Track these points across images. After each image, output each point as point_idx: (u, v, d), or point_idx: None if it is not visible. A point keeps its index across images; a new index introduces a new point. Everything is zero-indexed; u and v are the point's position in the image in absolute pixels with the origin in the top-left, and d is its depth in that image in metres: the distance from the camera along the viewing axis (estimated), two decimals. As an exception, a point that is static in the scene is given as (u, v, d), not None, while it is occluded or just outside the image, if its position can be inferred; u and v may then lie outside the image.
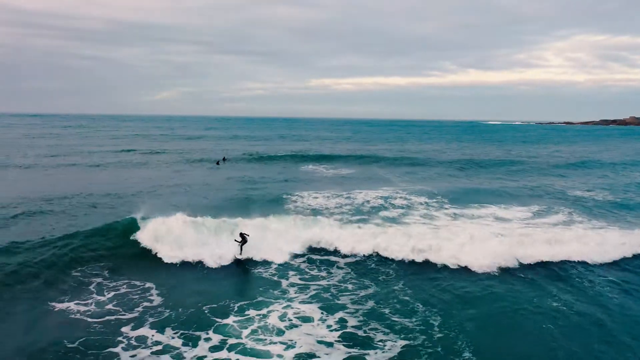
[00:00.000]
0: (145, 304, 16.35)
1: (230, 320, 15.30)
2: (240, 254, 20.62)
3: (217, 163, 54.38)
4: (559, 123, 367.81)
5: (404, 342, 13.87)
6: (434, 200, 32.67)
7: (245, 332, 14.48)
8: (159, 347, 13.39)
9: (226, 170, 48.82)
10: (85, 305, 16.02)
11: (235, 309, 16.25)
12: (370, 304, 16.71)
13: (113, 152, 63.90)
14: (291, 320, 15.27)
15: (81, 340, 13.52)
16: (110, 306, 16.01)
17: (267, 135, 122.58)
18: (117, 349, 13.17)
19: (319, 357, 13.09)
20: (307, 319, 15.33)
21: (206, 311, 15.97)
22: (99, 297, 16.68)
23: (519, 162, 60.17)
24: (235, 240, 20.88)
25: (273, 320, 15.27)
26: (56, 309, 15.65)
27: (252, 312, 15.87)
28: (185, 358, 12.88)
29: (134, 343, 13.54)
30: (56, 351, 12.91)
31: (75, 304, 16.07)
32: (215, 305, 16.39)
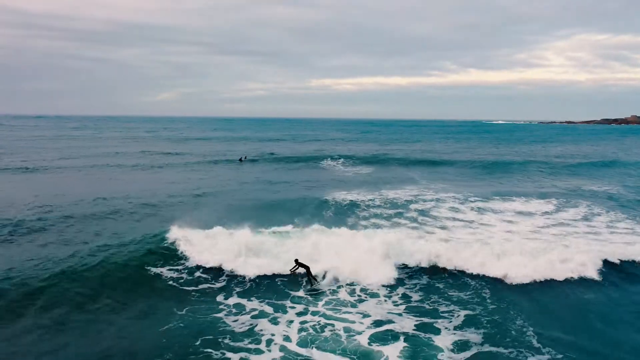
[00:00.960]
0: (227, 273, 18.69)
1: (302, 293, 17.34)
2: (317, 280, 18.36)
3: (240, 160, 59.40)
4: (560, 122, 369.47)
5: (465, 312, 15.81)
6: (463, 197, 33.80)
7: (320, 303, 16.42)
8: (256, 312, 15.44)
9: (251, 170, 50.81)
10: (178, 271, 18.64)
11: (304, 282, 18.19)
12: (425, 278, 18.74)
13: (138, 153, 65.76)
14: (360, 295, 17.20)
15: (187, 308, 15.56)
16: (198, 273, 18.53)
17: (277, 135, 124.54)
18: (221, 315, 15.18)
19: (395, 322, 15.04)
20: (374, 295, 17.26)
21: (278, 283, 18.05)
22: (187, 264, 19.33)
23: (535, 162, 60.79)
24: (309, 277, 18.34)
25: (343, 295, 17.19)
26: (155, 276, 17.86)
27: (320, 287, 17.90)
28: (280, 322, 14.86)
29: (234, 310, 15.56)
30: (171, 318, 14.89)
31: (167, 269, 18.79)
32: (285, 279, 18.40)
